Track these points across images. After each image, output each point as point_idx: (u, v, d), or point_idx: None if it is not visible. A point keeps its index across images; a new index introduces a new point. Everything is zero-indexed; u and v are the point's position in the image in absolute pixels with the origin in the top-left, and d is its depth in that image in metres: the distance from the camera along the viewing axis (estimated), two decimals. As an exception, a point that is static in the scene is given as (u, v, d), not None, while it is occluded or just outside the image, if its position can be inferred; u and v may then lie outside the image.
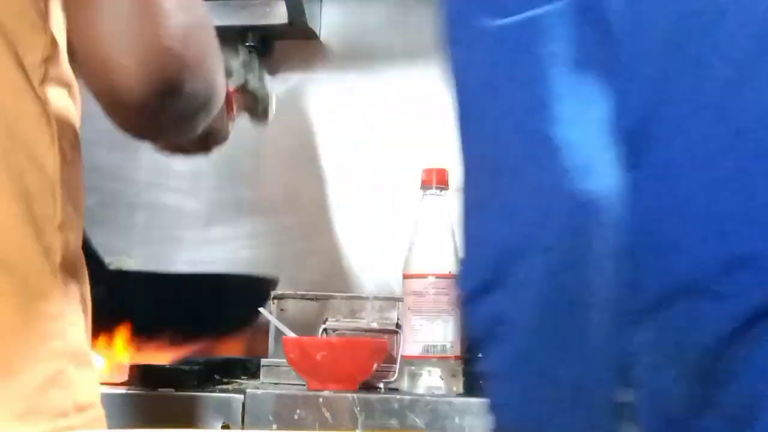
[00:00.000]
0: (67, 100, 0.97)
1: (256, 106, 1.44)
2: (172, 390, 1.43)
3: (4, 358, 0.89)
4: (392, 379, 1.52)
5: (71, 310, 0.95)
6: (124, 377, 1.50)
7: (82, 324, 0.97)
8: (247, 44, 1.98)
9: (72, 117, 0.98)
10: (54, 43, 0.94)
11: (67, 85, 0.98)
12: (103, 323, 1.06)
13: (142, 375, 1.49)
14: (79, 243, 0.99)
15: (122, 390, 1.43)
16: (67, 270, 0.95)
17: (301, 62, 2.13)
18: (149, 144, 1.09)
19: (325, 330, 1.63)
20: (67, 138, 0.96)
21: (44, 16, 0.93)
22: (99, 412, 0.97)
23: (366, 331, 1.60)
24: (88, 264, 1.01)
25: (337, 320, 1.64)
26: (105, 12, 0.86)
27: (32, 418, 0.89)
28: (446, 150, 2.01)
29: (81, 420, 0.93)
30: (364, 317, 1.65)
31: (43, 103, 0.93)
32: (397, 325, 1.56)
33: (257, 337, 1.80)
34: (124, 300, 1.48)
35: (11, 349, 0.89)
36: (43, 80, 0.93)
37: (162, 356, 1.61)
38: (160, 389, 1.43)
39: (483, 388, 1.36)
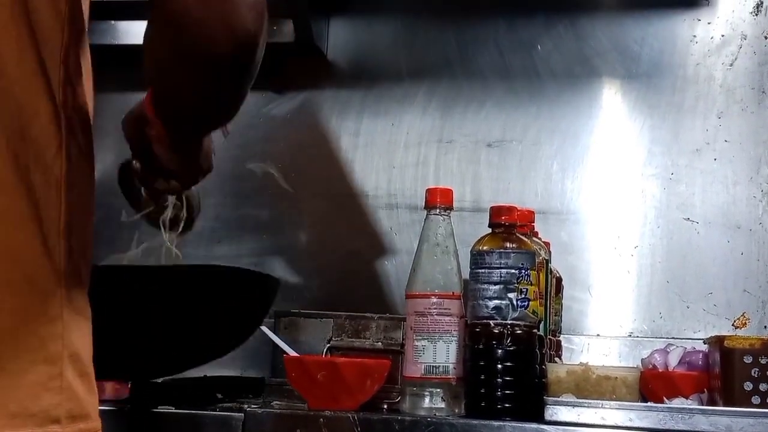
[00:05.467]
0: (80, 105, 0.97)
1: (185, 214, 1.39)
2: (171, 408, 1.42)
3: (1, 356, 0.86)
4: (396, 400, 1.50)
5: (72, 316, 0.93)
6: (125, 394, 1.49)
7: (83, 332, 0.95)
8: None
9: (84, 121, 0.98)
10: (70, 44, 0.95)
11: (81, 90, 0.98)
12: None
13: (143, 392, 1.48)
14: (87, 253, 0.97)
15: (122, 407, 1.42)
16: (72, 276, 0.94)
17: (308, 80, 2.13)
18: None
19: (329, 349, 1.62)
20: (77, 143, 0.96)
21: (63, 17, 0.94)
22: (95, 424, 0.94)
23: (370, 350, 1.59)
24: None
25: (341, 339, 1.63)
26: None
27: (23, 421, 0.87)
28: (451, 170, 2.03)
29: (73, 430, 0.90)
30: (369, 337, 1.64)
31: (57, 105, 0.93)
32: (402, 346, 1.55)
33: (262, 355, 1.80)
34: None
35: (7, 348, 0.87)
36: (60, 82, 0.93)
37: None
38: (160, 407, 1.42)
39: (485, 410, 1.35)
